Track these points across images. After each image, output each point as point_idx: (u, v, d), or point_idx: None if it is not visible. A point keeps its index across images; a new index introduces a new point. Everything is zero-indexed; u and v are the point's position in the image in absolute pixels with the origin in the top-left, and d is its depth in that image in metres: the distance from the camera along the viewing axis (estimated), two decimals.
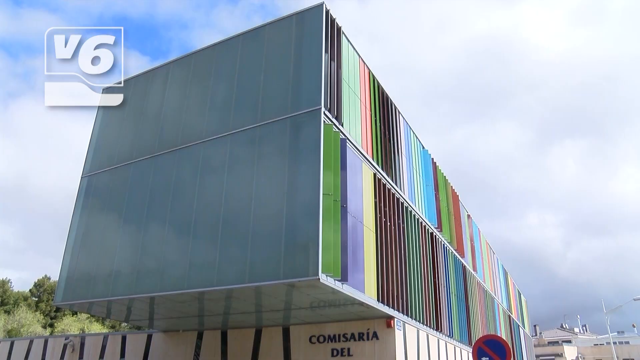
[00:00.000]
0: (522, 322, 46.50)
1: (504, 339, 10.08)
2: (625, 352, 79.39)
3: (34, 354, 26.71)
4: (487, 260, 33.89)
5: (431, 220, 21.85)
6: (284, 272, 12.82)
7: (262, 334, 18.76)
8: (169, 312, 17.67)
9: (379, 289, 15.39)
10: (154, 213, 16.30)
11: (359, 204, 15.13)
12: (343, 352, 16.88)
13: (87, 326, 51.57)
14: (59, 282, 17.85)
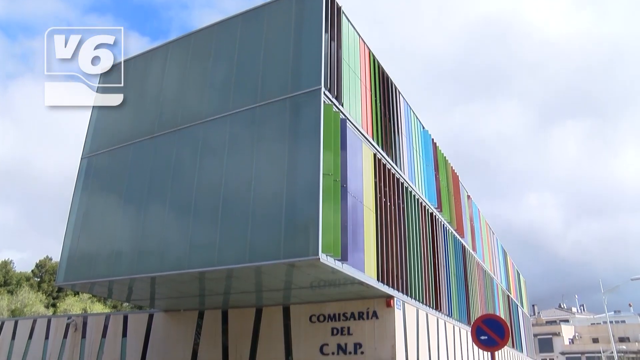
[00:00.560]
0: (521, 301, 46.84)
1: (503, 318, 10.16)
2: (621, 330, 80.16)
3: (38, 333, 26.96)
4: (486, 241, 34.03)
5: (431, 201, 21.89)
6: (284, 252, 12.88)
7: (262, 313, 18.91)
8: (170, 292, 17.79)
9: (378, 268, 15.48)
10: (154, 193, 16.33)
11: (359, 184, 15.15)
12: (343, 331, 17.03)
13: (89, 306, 52.01)
14: (61, 263, 17.95)
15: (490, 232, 36.62)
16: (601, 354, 55.42)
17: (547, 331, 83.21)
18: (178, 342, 20.77)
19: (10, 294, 54.03)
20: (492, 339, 9.26)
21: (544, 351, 78.66)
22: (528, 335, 48.98)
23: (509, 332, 9.40)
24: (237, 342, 19.18)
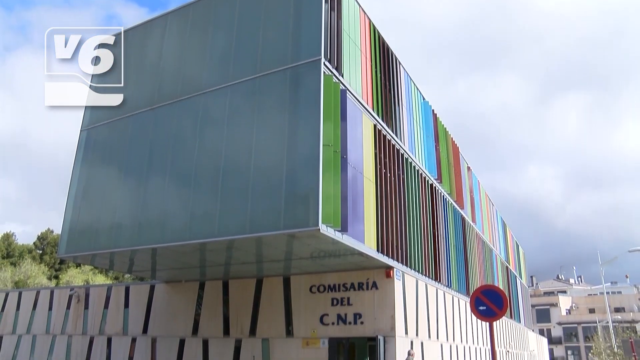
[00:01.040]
0: (519, 273, 47.22)
1: (501, 289, 10.25)
2: (617, 301, 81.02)
3: (41, 304, 27.29)
4: (486, 212, 34.13)
5: (431, 172, 21.88)
6: (285, 223, 12.93)
7: (263, 283, 19.07)
8: (171, 263, 17.92)
9: (378, 239, 15.55)
10: (155, 165, 16.31)
11: (359, 155, 15.12)
12: (343, 302, 17.20)
13: (91, 278, 52.44)
14: (62, 235, 18.03)
15: (490, 204, 36.71)
16: (597, 324, 56.12)
17: (544, 302, 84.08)
18: (179, 313, 21.01)
19: (13, 266, 54.42)
20: (491, 309, 9.32)
21: (542, 321, 79.61)
22: (526, 306, 49.51)
23: (507, 302, 9.48)
24: (237, 312, 19.39)
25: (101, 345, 23.57)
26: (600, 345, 43.51)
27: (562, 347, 79.86)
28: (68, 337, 25.15)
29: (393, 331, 16.19)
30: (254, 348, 18.56)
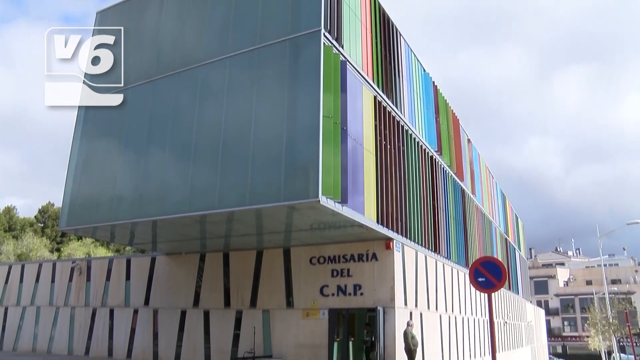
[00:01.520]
0: (518, 245, 47.50)
1: (500, 261, 10.31)
2: (614, 273, 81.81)
3: (44, 276, 27.52)
4: (486, 185, 34.17)
5: (431, 144, 21.84)
6: (285, 195, 12.96)
7: (263, 255, 19.20)
8: (172, 235, 18.01)
9: (378, 211, 15.60)
10: (154, 137, 16.27)
11: (359, 126, 15.06)
12: (343, 273, 17.34)
13: (93, 250, 52.76)
14: (63, 208, 18.06)
15: (490, 176, 36.73)
16: (593, 296, 56.77)
17: (543, 274, 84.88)
18: (180, 285, 21.20)
19: (15, 239, 54.74)
20: (490, 280, 9.38)
21: (539, 293, 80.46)
22: (524, 278, 49.90)
23: (506, 274, 9.54)
24: (238, 284, 19.56)
25: (104, 317, 23.85)
26: (596, 316, 44.07)
27: (559, 318, 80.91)
28: (71, 308, 25.43)
29: (392, 302, 16.35)
30: (255, 319, 18.77)
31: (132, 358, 21.94)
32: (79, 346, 24.34)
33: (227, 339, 19.35)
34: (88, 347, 23.93)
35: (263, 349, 18.34)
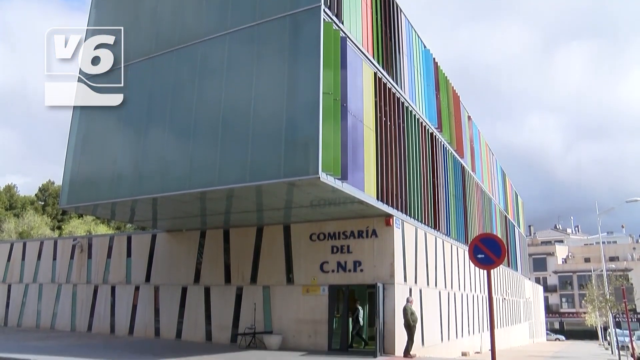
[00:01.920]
0: (518, 222, 47.69)
1: (500, 237, 10.34)
2: (612, 251, 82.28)
3: (45, 254, 27.68)
4: (485, 162, 34.17)
5: (431, 121, 21.77)
6: (285, 171, 12.95)
7: (263, 232, 19.27)
8: (172, 213, 18.05)
9: (378, 187, 15.61)
10: (154, 115, 16.20)
11: (359, 103, 15.00)
12: (343, 249, 17.42)
13: (93, 228, 52.93)
14: (63, 186, 18.08)
15: (490, 153, 36.70)
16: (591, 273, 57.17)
17: (541, 251, 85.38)
18: (181, 262, 21.32)
19: (16, 217, 54.89)
20: (489, 257, 9.40)
21: (538, 270, 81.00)
22: (523, 255, 50.23)
23: (505, 251, 9.56)
24: (238, 260, 19.67)
25: (105, 294, 24.04)
26: (594, 292, 44.36)
27: (557, 294, 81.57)
28: (73, 286, 25.62)
29: (392, 278, 16.46)
30: (255, 295, 18.92)
31: (134, 334, 22.17)
32: (81, 323, 24.58)
33: (227, 315, 19.54)
34: (90, 323, 24.18)
35: (263, 324, 18.52)
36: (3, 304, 28.71)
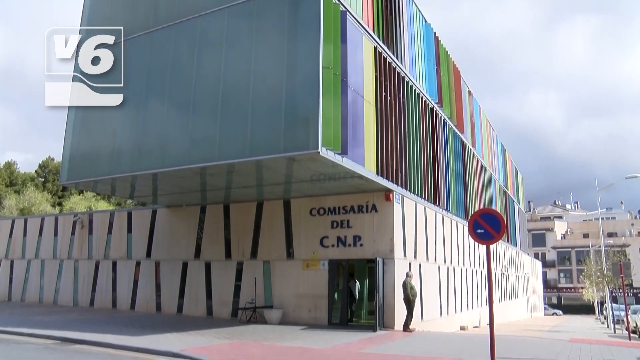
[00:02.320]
0: (517, 198, 47.78)
1: (499, 212, 10.36)
2: (610, 226, 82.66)
3: (47, 230, 27.81)
4: (486, 137, 34.11)
5: (432, 96, 21.67)
6: (285, 146, 12.93)
7: (263, 207, 19.33)
8: (172, 188, 18.07)
9: (378, 162, 15.62)
10: (153, 90, 16.11)
11: (359, 77, 14.91)
12: (343, 224, 17.49)
13: (94, 204, 53.06)
14: (63, 162, 18.07)
15: (490, 129, 36.61)
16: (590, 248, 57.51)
17: (540, 227, 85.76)
18: (181, 237, 21.43)
19: (17, 194, 54.99)
20: (488, 232, 9.43)
21: (537, 246, 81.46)
22: (522, 231, 50.44)
23: (504, 226, 9.58)
24: (239, 235, 19.77)
25: (106, 269, 24.22)
26: (592, 268, 44.69)
27: (555, 270, 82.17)
28: (74, 261, 25.79)
29: (392, 253, 16.56)
30: (255, 270, 19.06)
31: (135, 309, 22.39)
32: (83, 298, 24.81)
33: (228, 290, 19.71)
34: (92, 298, 24.40)
35: (264, 299, 18.69)
36: (6, 280, 28.95)
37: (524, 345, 13.25)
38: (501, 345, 11.74)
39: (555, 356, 11.08)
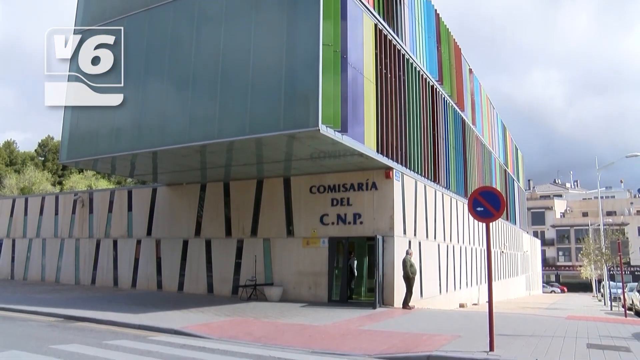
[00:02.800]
0: (517, 176, 47.78)
1: (499, 191, 10.33)
2: (609, 205, 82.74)
3: (47, 209, 27.88)
4: (486, 115, 33.98)
5: (432, 73, 21.53)
6: (284, 124, 12.89)
7: (263, 184, 19.35)
8: (172, 166, 18.07)
9: (378, 140, 15.58)
10: (152, 68, 16.01)
11: (360, 55, 14.80)
12: (343, 202, 17.53)
13: (94, 183, 53.09)
14: (62, 141, 18.03)
15: (491, 107, 36.46)
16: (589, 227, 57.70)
17: (540, 205, 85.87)
18: (182, 215, 21.50)
19: (17, 173, 55.00)
20: (488, 210, 9.42)
21: (536, 224, 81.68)
22: (522, 209, 50.54)
23: (504, 204, 9.57)
24: (239, 213, 19.83)
25: (107, 248, 24.34)
26: (590, 246, 44.87)
27: (554, 248, 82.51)
28: (76, 240, 25.90)
29: (392, 231, 16.61)
30: (256, 248, 19.15)
31: (136, 287, 22.55)
32: (85, 276, 24.97)
33: (228, 267, 19.83)
34: (94, 277, 24.57)
35: (264, 277, 18.81)
36: (8, 259, 29.12)
37: (522, 322, 13.37)
38: (500, 322, 11.85)
39: (553, 333, 11.18)
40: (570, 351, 8.73)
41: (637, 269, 71.06)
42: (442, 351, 8.60)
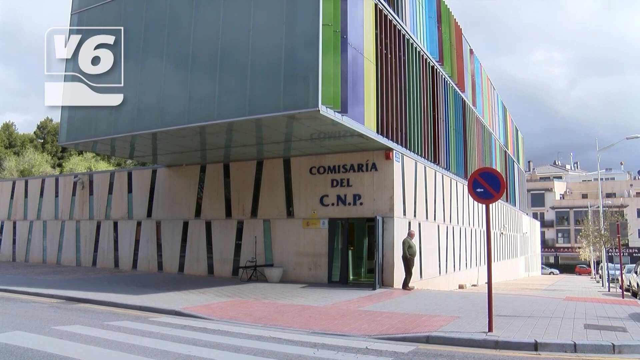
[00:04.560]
0: (517, 157, 47.73)
1: (499, 172, 10.29)
2: (609, 187, 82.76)
3: (47, 191, 27.90)
4: (487, 96, 33.82)
5: (432, 54, 21.37)
6: (284, 104, 12.82)
7: (263, 165, 19.32)
8: (172, 147, 18.02)
9: (378, 121, 15.52)
10: (150, 48, 15.87)
11: (360, 35, 14.67)
12: (342, 183, 17.51)
13: (94, 165, 53.05)
14: (62, 123, 17.96)
15: (491, 88, 36.28)
16: (588, 209, 57.80)
17: (540, 187, 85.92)
18: (182, 196, 21.51)
19: (16, 156, 54.91)
20: (488, 191, 9.40)
21: (536, 205, 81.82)
22: (522, 190, 50.56)
23: (504, 185, 9.54)
24: (239, 194, 19.83)
25: (108, 229, 24.40)
26: (589, 228, 45.01)
27: (554, 230, 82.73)
28: (76, 222, 25.96)
29: (391, 212, 16.62)
30: (256, 229, 19.19)
31: (137, 269, 22.65)
32: (86, 258, 25.07)
33: (229, 248, 19.89)
34: (95, 258, 24.66)
35: (264, 257, 18.88)
36: (10, 241, 29.21)
37: (521, 303, 13.43)
38: (499, 303, 11.91)
39: (551, 313, 11.24)
40: (568, 331, 8.78)
41: (636, 250, 71.40)
42: (442, 332, 8.65)
